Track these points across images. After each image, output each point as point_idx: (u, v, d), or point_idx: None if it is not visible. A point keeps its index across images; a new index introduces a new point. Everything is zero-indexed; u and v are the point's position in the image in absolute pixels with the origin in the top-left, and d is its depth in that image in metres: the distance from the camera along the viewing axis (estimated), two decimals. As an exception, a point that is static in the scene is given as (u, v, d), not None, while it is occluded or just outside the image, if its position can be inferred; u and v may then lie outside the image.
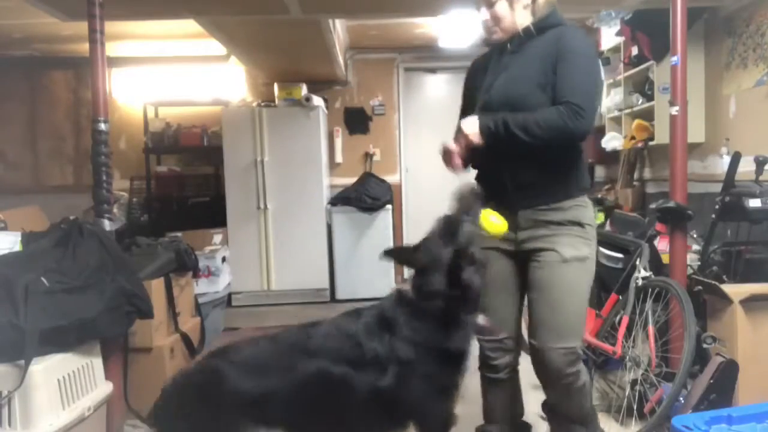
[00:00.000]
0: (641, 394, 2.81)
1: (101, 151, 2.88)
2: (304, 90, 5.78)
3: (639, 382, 2.82)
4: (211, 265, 4.67)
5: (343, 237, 5.92)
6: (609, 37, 5.19)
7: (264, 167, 5.74)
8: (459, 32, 5.42)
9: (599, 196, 4.74)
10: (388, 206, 5.99)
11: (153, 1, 3.72)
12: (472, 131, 2.08)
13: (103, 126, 2.88)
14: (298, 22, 4.12)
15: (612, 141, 5.19)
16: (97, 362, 2.59)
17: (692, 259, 3.31)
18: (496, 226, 1.93)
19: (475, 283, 1.80)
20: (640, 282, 2.96)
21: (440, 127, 3.51)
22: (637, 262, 3.02)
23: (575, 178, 2.17)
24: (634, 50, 4.73)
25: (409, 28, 5.60)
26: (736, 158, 3.16)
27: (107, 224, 2.86)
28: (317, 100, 5.83)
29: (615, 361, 2.99)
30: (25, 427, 2.19)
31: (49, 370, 2.28)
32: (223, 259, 4.93)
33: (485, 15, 2.20)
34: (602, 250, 3.23)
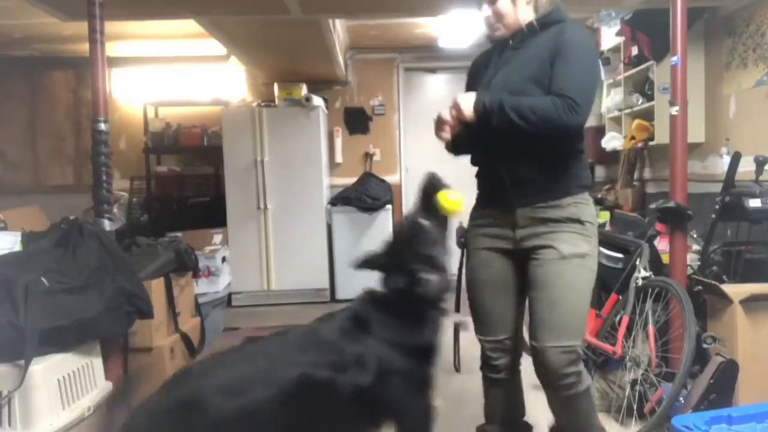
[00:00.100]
0: (641, 394, 2.81)
1: (101, 151, 2.89)
2: (304, 90, 5.77)
3: (639, 382, 2.82)
4: (211, 265, 4.68)
5: (343, 237, 5.91)
6: (609, 37, 5.18)
7: (264, 167, 5.73)
8: (459, 32, 5.41)
9: (599, 196, 4.74)
10: (388, 206, 5.98)
11: (153, 1, 3.72)
12: (466, 105, 2.06)
13: (103, 126, 2.89)
14: (298, 22, 4.12)
15: (612, 141, 5.18)
16: (97, 362, 2.59)
17: (692, 259, 3.31)
18: (453, 203, 1.97)
19: (431, 282, 1.88)
20: (640, 282, 2.96)
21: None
22: (637, 262, 3.02)
23: (574, 175, 2.15)
24: (634, 50, 4.73)
25: (409, 28, 5.60)
26: (736, 158, 3.16)
27: (107, 224, 2.87)
28: (317, 100, 5.82)
29: (615, 361, 2.98)
30: (25, 427, 2.19)
31: (49, 370, 2.28)
32: (223, 259, 4.93)
33: (487, 12, 2.19)
34: (602, 250, 3.22)
